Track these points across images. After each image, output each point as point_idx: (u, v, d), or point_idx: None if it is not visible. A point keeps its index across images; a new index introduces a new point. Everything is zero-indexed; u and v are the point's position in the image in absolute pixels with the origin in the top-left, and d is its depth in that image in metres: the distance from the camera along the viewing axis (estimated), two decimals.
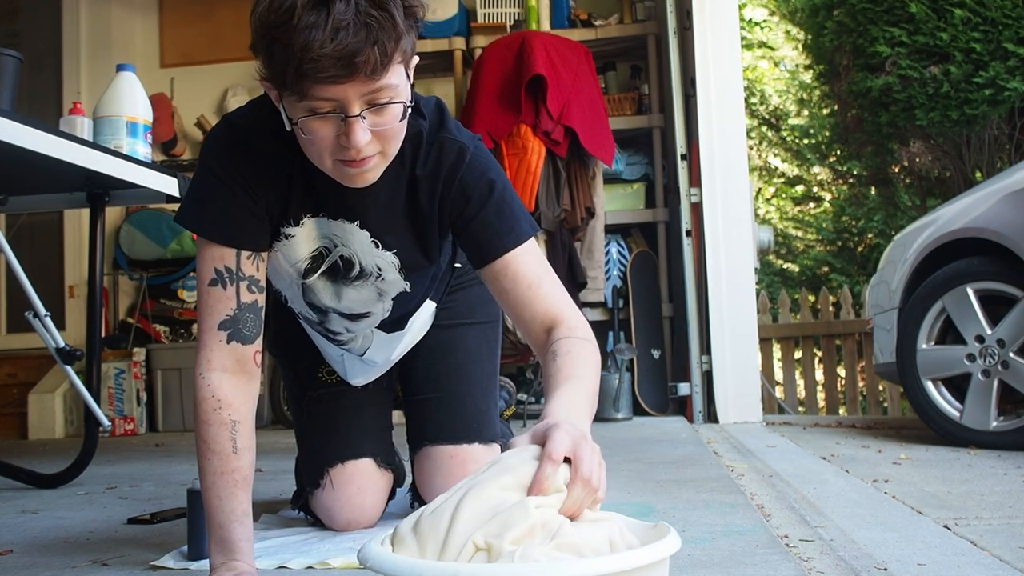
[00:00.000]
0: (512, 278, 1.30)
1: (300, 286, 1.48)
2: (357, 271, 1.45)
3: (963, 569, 1.35)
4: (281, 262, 1.43)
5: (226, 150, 1.32)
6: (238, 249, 1.31)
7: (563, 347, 1.21)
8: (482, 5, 4.77)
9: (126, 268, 4.89)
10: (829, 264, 8.11)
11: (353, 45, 1.08)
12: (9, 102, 2.13)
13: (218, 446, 1.25)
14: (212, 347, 1.28)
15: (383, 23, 1.09)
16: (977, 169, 4.92)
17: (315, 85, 1.11)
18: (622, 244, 4.58)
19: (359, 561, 0.89)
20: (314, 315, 1.56)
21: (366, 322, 1.57)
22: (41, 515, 2.06)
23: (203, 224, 1.32)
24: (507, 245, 1.31)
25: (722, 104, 3.93)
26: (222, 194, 1.31)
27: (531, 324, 1.29)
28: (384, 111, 1.17)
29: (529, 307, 1.29)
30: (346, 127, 1.15)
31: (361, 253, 1.43)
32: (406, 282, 1.49)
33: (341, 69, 1.09)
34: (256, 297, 1.32)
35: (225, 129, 1.34)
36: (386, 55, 1.11)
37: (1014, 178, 2.94)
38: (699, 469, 2.38)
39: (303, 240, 1.40)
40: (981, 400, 2.96)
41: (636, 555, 0.84)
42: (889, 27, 4.58)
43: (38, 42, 5.14)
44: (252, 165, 1.31)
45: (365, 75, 1.11)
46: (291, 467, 1.87)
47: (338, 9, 1.07)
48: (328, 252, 1.43)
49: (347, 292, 1.49)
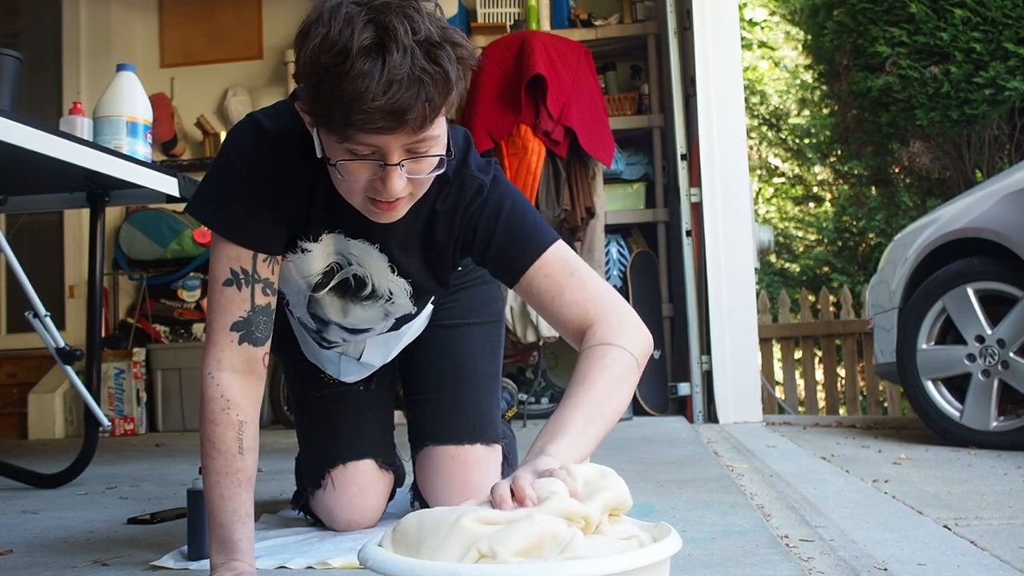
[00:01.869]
0: (536, 294, 1.31)
1: (308, 297, 1.48)
2: (369, 291, 1.45)
3: (963, 569, 1.35)
4: (293, 273, 1.43)
5: (252, 151, 1.30)
6: (255, 251, 1.30)
7: (580, 367, 1.21)
8: (482, 5, 4.77)
9: (126, 268, 4.89)
10: (829, 264, 8.10)
11: (405, 101, 1.06)
12: (9, 102, 2.13)
13: (224, 446, 1.25)
14: (223, 347, 1.28)
15: (436, 79, 1.08)
16: (977, 169, 4.91)
17: (360, 134, 1.10)
18: (622, 244, 4.58)
19: (359, 561, 0.89)
20: (313, 324, 1.56)
21: (364, 336, 1.58)
22: (41, 515, 2.06)
23: (222, 223, 1.30)
24: (525, 264, 1.31)
25: (722, 104, 3.93)
26: (244, 196, 1.29)
27: (566, 332, 1.30)
28: (422, 161, 1.17)
29: (556, 317, 1.30)
30: (384, 173, 1.15)
31: (376, 275, 1.43)
32: (415, 307, 1.50)
33: (389, 122, 1.08)
34: (270, 300, 1.32)
35: (253, 131, 1.31)
36: (435, 110, 1.10)
37: (1014, 178, 2.94)
38: (699, 469, 2.38)
39: (319, 255, 1.40)
40: (981, 400, 2.96)
41: (637, 556, 0.84)
42: (889, 27, 4.58)
43: (38, 42, 5.14)
44: (277, 174, 1.30)
45: (412, 129, 1.10)
46: (291, 467, 1.87)
47: (394, 61, 1.05)
48: (340, 268, 1.42)
49: (354, 310, 1.49)
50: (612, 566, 0.81)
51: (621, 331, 1.24)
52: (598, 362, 1.20)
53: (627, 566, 0.82)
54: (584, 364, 1.21)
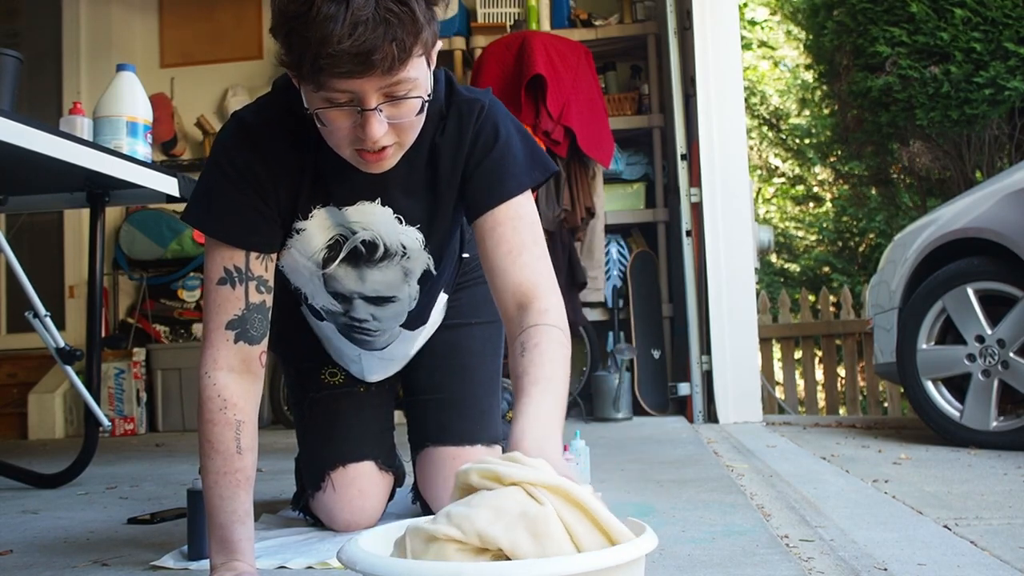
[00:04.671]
0: (496, 240, 1.28)
1: (321, 277, 1.47)
2: (382, 252, 1.44)
3: (963, 569, 1.35)
4: (297, 258, 1.42)
5: (237, 149, 1.31)
6: (247, 250, 1.30)
7: (532, 338, 1.18)
8: (482, 5, 4.77)
9: (126, 268, 4.89)
10: (830, 264, 8.11)
11: (371, 41, 1.07)
12: (9, 102, 2.13)
13: (222, 446, 1.25)
14: (219, 346, 1.28)
15: (402, 18, 1.08)
16: (977, 169, 4.91)
17: (332, 79, 1.10)
18: (622, 244, 4.58)
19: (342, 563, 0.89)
20: (338, 305, 1.53)
21: (392, 308, 1.55)
22: (41, 515, 2.06)
23: (212, 224, 1.31)
24: (500, 196, 1.29)
25: (722, 104, 3.93)
26: (232, 194, 1.30)
27: (504, 295, 1.25)
28: (401, 104, 1.16)
29: (504, 275, 1.26)
30: (362, 119, 1.15)
31: (384, 233, 1.41)
32: (430, 256, 1.48)
33: (358, 65, 1.08)
34: (264, 297, 1.31)
35: (236, 127, 1.33)
36: (404, 50, 1.10)
37: (1014, 178, 2.94)
38: (699, 469, 2.38)
39: (316, 231, 1.39)
40: (981, 400, 2.96)
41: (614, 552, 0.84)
42: (889, 27, 4.58)
43: (38, 42, 5.14)
44: (263, 164, 1.31)
45: (382, 71, 1.10)
46: (291, 467, 1.87)
47: (357, 3, 1.06)
48: (345, 239, 1.42)
49: (372, 274, 1.47)
50: (590, 563, 0.81)
51: (561, 314, 1.24)
52: (560, 351, 1.19)
53: (605, 563, 0.82)
54: (548, 348, 1.18)
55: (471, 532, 0.85)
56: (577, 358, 4.57)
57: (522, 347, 1.18)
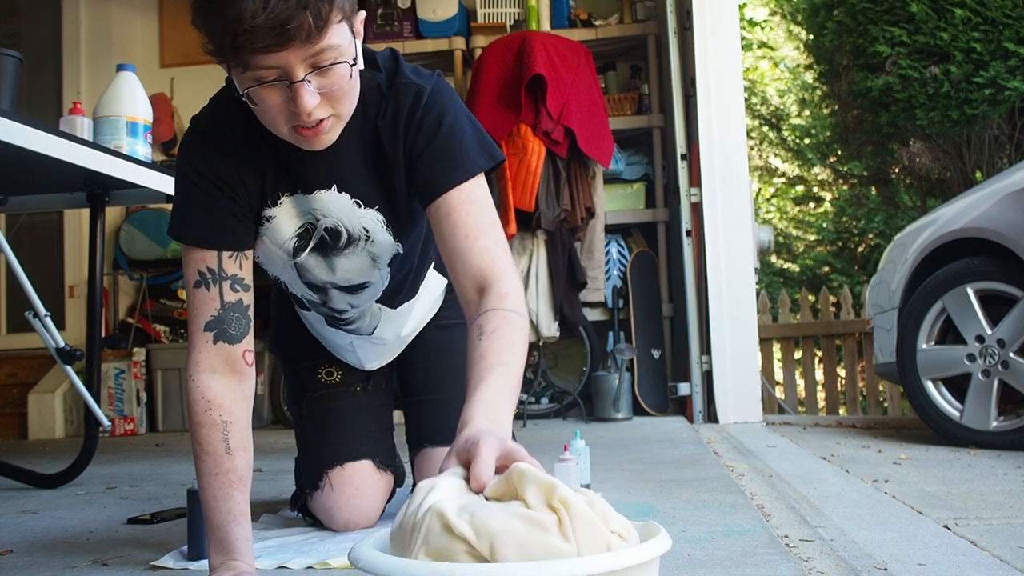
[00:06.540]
0: (452, 225, 1.26)
1: (293, 267, 1.47)
2: (345, 239, 1.44)
3: (963, 569, 1.35)
4: (269, 247, 1.43)
5: (198, 154, 1.33)
6: (219, 250, 1.31)
7: (491, 323, 1.17)
8: (482, 5, 4.77)
9: (126, 268, 4.89)
10: (829, 264, 8.11)
11: (285, 12, 1.07)
12: (9, 102, 2.13)
13: (211, 447, 1.25)
14: (200, 348, 1.28)
15: None
16: (977, 169, 4.91)
17: (253, 55, 1.11)
18: (622, 244, 4.58)
19: (350, 562, 0.89)
20: (315, 295, 1.54)
21: (367, 293, 1.55)
22: (41, 515, 2.06)
23: (184, 231, 1.32)
24: (453, 180, 1.28)
25: (722, 104, 3.93)
26: (198, 198, 1.32)
27: (463, 279, 1.24)
28: (329, 72, 1.16)
29: (463, 259, 1.24)
30: (293, 93, 1.15)
31: (345, 219, 1.41)
32: (397, 243, 1.47)
33: (275, 37, 1.08)
34: (240, 296, 1.31)
35: (193, 133, 1.35)
36: (320, 18, 1.10)
37: (1014, 178, 2.94)
38: (699, 469, 2.38)
39: (284, 219, 1.40)
40: (981, 400, 2.96)
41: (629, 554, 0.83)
42: (889, 27, 4.58)
43: (38, 42, 5.14)
44: (225, 163, 1.32)
45: (301, 40, 1.10)
46: (291, 467, 1.87)
47: None
48: (313, 228, 1.42)
49: (339, 262, 1.47)
50: (604, 564, 0.81)
51: (520, 297, 1.22)
52: (519, 335, 1.18)
53: (619, 564, 0.81)
54: (506, 333, 1.16)
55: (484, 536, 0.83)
56: (577, 358, 4.57)
57: (480, 331, 1.17)
